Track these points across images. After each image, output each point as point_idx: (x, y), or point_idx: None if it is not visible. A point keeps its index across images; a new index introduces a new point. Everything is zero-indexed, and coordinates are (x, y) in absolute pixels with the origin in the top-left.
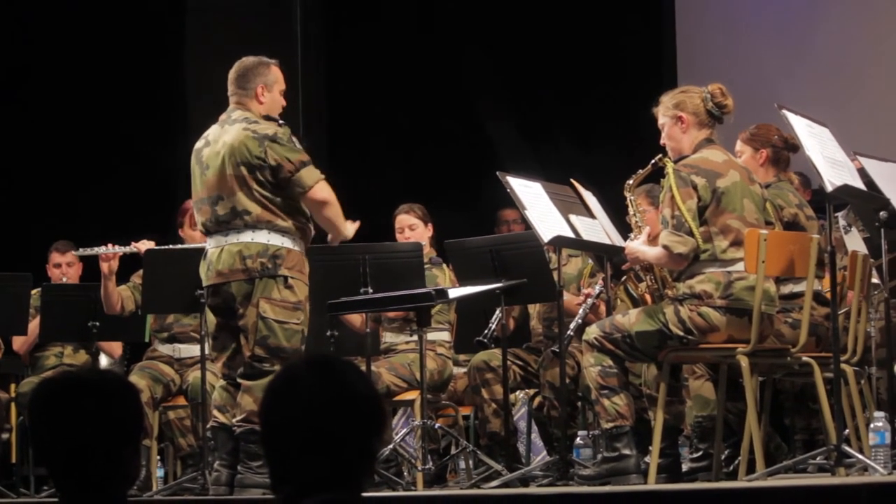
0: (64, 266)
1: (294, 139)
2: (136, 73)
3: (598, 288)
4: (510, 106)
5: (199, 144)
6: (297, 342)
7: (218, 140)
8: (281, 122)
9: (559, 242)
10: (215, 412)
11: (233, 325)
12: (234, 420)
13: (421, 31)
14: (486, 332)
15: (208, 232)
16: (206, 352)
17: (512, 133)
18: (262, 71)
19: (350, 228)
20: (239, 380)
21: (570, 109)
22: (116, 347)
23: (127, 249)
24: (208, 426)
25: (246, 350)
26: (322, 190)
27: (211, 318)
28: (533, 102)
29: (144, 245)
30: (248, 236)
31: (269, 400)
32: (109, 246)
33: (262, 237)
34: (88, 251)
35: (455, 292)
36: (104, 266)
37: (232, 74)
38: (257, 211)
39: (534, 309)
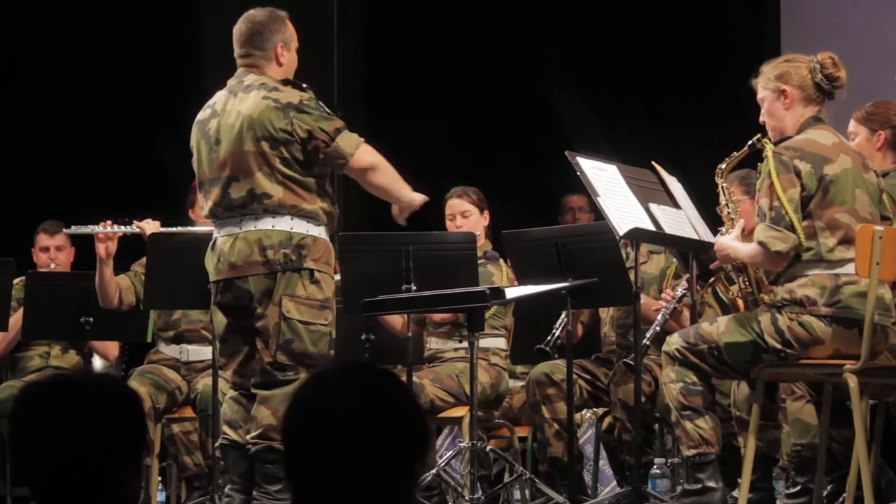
0: (53, 250)
1: (321, 104)
2: (145, 35)
3: (680, 290)
4: (577, 77)
5: (202, 115)
6: (325, 346)
7: (231, 110)
8: (304, 85)
9: (637, 236)
10: (225, 428)
11: (246, 326)
12: (248, 437)
13: None
14: (548, 339)
15: (217, 218)
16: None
17: (581, 108)
18: (279, 27)
19: (415, 194)
20: (254, 390)
21: (650, 81)
22: (112, 348)
23: (128, 229)
24: (217, 443)
25: (265, 355)
26: (366, 154)
27: (220, 318)
28: (606, 73)
29: (149, 225)
30: (267, 223)
31: (294, 413)
32: (107, 224)
33: (285, 224)
34: (82, 229)
35: (513, 292)
36: (100, 248)
37: (242, 32)
38: (279, 194)
39: (606, 314)
